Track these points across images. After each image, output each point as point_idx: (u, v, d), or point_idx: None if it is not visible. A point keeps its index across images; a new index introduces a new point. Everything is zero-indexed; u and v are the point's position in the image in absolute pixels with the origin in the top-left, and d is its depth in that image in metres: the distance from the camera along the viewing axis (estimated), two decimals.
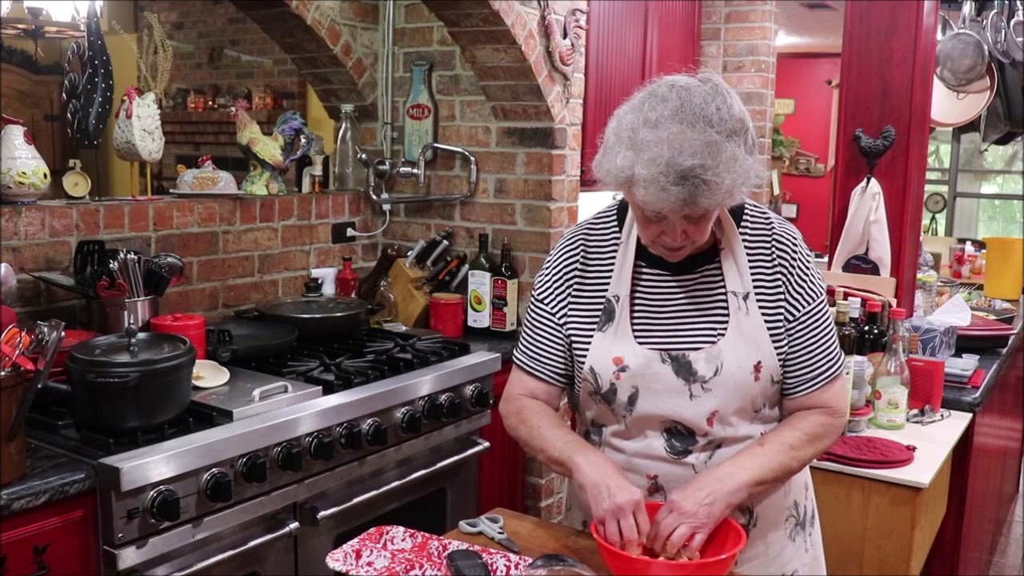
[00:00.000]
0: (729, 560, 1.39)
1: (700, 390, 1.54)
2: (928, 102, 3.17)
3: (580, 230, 1.68)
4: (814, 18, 6.06)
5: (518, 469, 3.12)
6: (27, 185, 2.30)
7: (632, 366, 1.55)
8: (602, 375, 1.57)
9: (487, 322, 3.07)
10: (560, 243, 1.69)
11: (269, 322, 2.73)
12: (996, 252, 4.28)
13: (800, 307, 1.57)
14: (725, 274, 1.57)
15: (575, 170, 3.15)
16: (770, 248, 1.60)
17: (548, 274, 1.67)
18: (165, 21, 5.60)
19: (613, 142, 1.44)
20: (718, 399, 1.54)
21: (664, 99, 1.40)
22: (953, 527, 2.65)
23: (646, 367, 1.54)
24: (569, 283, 1.64)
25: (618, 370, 1.55)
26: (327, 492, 2.27)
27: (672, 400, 1.55)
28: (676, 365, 1.54)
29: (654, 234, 1.48)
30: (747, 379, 1.54)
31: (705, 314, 1.57)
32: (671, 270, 1.59)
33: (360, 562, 1.47)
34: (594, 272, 1.63)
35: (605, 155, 1.45)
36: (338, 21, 3.08)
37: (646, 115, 1.39)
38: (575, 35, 3.08)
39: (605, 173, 1.45)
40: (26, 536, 1.69)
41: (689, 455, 1.56)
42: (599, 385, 1.58)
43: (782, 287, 1.58)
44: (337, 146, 3.25)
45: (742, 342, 1.54)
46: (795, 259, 1.59)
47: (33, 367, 1.74)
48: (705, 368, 1.53)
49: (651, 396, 1.55)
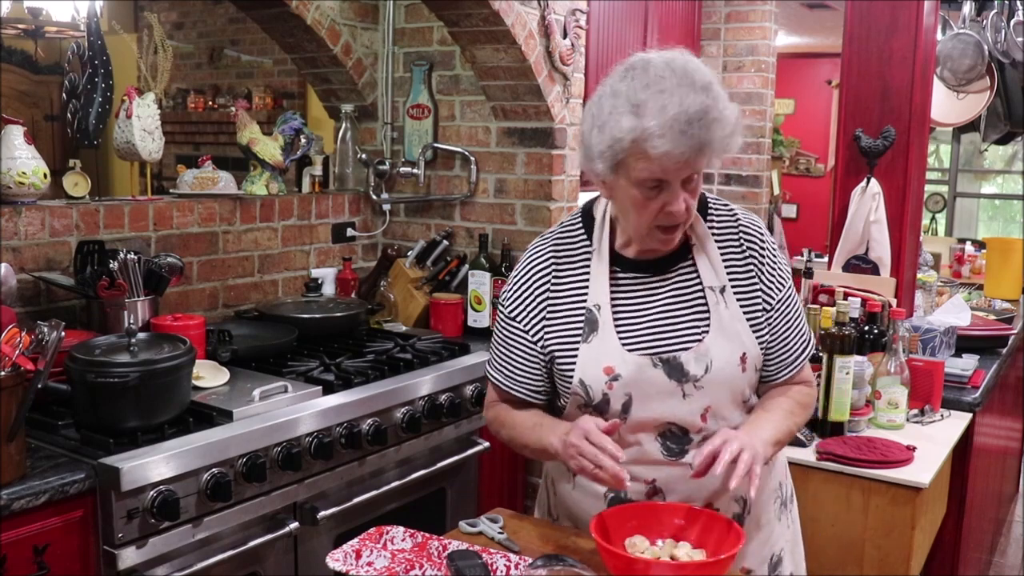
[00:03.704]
0: (729, 560, 1.39)
1: (692, 389, 1.54)
2: (928, 102, 3.17)
3: (546, 243, 1.65)
4: (814, 18, 6.06)
5: (518, 469, 3.12)
6: (27, 185, 2.30)
7: (624, 374, 1.54)
8: (593, 386, 1.56)
9: (487, 322, 3.07)
10: (526, 258, 1.66)
11: (269, 322, 2.73)
12: (996, 252, 4.28)
13: (775, 294, 1.61)
14: (700, 270, 1.58)
15: (575, 170, 3.15)
16: (738, 239, 1.62)
17: (517, 290, 1.64)
18: (165, 21, 5.60)
19: (606, 118, 1.43)
20: (710, 396, 1.55)
21: (645, 67, 1.44)
22: (953, 527, 2.65)
23: (638, 373, 1.54)
24: (542, 298, 1.61)
25: (610, 380, 1.54)
26: (327, 492, 2.27)
27: (666, 402, 1.55)
28: (668, 368, 1.54)
29: (654, 212, 1.47)
30: (735, 372, 1.56)
31: (686, 313, 1.57)
32: (647, 272, 1.59)
33: (360, 562, 1.47)
34: (567, 284, 1.61)
35: (600, 133, 1.44)
36: (338, 21, 3.08)
37: (636, 82, 1.42)
38: (575, 35, 3.08)
39: (604, 151, 1.43)
40: (26, 536, 1.69)
41: (685, 455, 1.56)
42: (590, 397, 1.56)
43: (755, 277, 1.60)
44: (337, 146, 3.25)
45: (726, 336, 1.55)
46: (764, 248, 1.62)
47: (33, 367, 1.74)
48: (695, 367, 1.54)
49: (645, 401, 1.55)
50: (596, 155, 1.46)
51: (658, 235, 1.52)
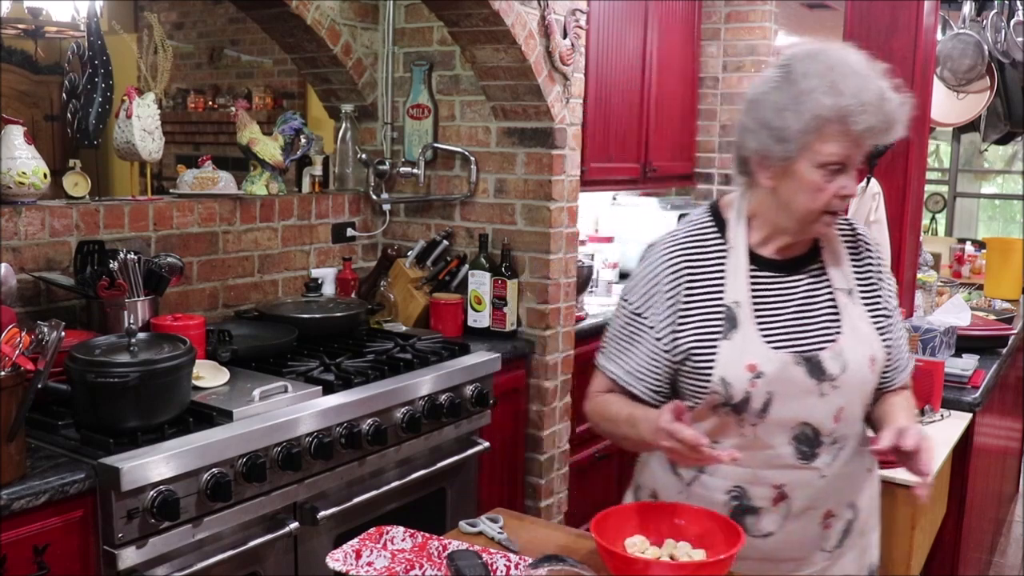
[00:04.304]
0: (728, 560, 1.39)
1: (829, 388, 1.56)
2: (928, 102, 3.17)
3: (677, 242, 1.64)
4: (814, 18, 6.05)
5: (518, 469, 3.12)
6: (27, 185, 2.30)
7: (767, 371, 1.53)
8: (735, 384, 1.54)
9: (487, 322, 3.07)
10: (657, 256, 1.63)
11: (269, 322, 2.73)
12: (996, 252, 4.28)
13: (892, 303, 1.67)
14: (829, 272, 1.62)
15: (575, 170, 3.15)
16: (857, 247, 1.67)
17: (646, 287, 1.62)
18: (165, 21, 5.60)
19: (802, 98, 1.46)
20: (844, 396, 1.57)
21: (816, 56, 1.51)
22: (953, 527, 2.65)
23: (781, 371, 1.54)
24: (675, 297, 1.59)
25: (753, 377, 1.53)
26: (327, 492, 2.27)
27: (804, 402, 1.55)
28: (808, 366, 1.55)
29: (829, 195, 1.51)
30: (867, 374, 1.59)
31: (820, 313, 1.60)
32: (782, 271, 1.61)
33: (360, 562, 1.47)
34: (703, 281, 1.59)
35: (795, 114, 1.47)
36: (338, 21, 3.08)
37: (821, 66, 1.48)
38: (575, 35, 3.08)
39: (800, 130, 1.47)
40: (26, 536, 1.69)
41: (816, 458, 1.57)
42: (730, 395, 1.54)
43: (875, 284, 1.65)
44: (337, 146, 3.25)
45: (857, 338, 1.58)
46: (879, 257, 1.68)
47: (33, 367, 1.74)
48: (833, 366, 1.56)
49: (785, 400, 1.54)
50: (790, 136, 1.48)
51: (825, 221, 1.55)
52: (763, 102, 1.52)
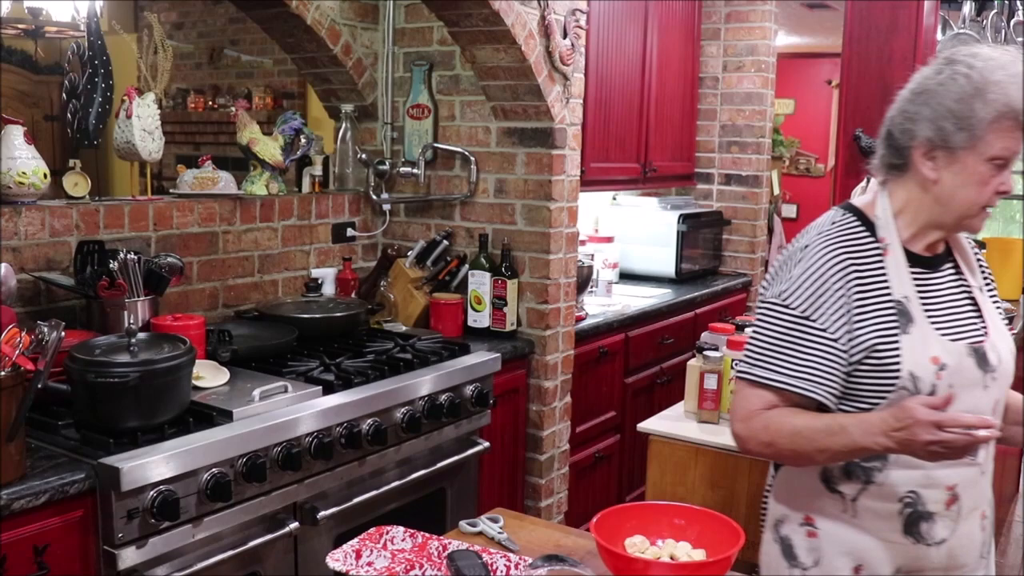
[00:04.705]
0: (728, 560, 1.39)
1: (991, 380, 1.58)
2: None
3: (833, 241, 1.59)
4: (814, 18, 6.06)
5: (518, 469, 3.12)
6: (27, 185, 2.30)
7: (950, 364, 1.54)
8: (923, 377, 1.52)
9: (487, 322, 3.07)
10: (817, 258, 1.58)
11: (269, 322, 2.73)
12: (996, 252, 4.28)
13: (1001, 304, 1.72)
14: (963, 270, 1.66)
15: (575, 170, 3.15)
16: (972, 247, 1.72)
17: (811, 290, 1.56)
18: (165, 21, 5.60)
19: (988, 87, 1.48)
20: (1001, 388, 1.61)
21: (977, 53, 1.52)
22: None
23: (959, 363, 1.55)
24: (846, 296, 1.55)
25: (938, 369, 1.53)
26: (327, 492, 2.27)
27: (972, 393, 1.56)
28: (977, 357, 1.57)
29: (992, 189, 1.53)
30: (1013, 366, 1.62)
31: (966, 308, 1.63)
32: (927, 268, 1.63)
33: (360, 562, 1.47)
34: (869, 277, 1.57)
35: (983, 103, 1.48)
36: (338, 21, 3.08)
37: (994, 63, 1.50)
38: (575, 35, 3.08)
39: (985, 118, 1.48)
40: (26, 536, 1.70)
41: (978, 453, 1.55)
42: (918, 389, 1.52)
43: (990, 282, 1.72)
44: (337, 146, 3.25)
45: (999, 332, 1.62)
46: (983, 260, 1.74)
47: (33, 367, 1.74)
48: (993, 358, 1.58)
49: (961, 393, 1.53)
50: (974, 123, 1.49)
51: (982, 216, 1.57)
52: (940, 91, 1.52)
